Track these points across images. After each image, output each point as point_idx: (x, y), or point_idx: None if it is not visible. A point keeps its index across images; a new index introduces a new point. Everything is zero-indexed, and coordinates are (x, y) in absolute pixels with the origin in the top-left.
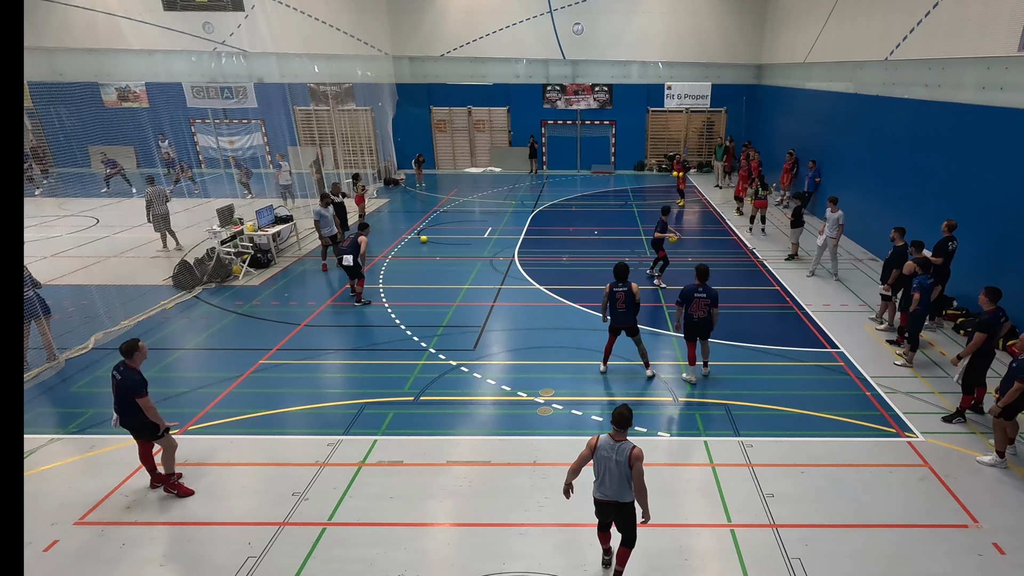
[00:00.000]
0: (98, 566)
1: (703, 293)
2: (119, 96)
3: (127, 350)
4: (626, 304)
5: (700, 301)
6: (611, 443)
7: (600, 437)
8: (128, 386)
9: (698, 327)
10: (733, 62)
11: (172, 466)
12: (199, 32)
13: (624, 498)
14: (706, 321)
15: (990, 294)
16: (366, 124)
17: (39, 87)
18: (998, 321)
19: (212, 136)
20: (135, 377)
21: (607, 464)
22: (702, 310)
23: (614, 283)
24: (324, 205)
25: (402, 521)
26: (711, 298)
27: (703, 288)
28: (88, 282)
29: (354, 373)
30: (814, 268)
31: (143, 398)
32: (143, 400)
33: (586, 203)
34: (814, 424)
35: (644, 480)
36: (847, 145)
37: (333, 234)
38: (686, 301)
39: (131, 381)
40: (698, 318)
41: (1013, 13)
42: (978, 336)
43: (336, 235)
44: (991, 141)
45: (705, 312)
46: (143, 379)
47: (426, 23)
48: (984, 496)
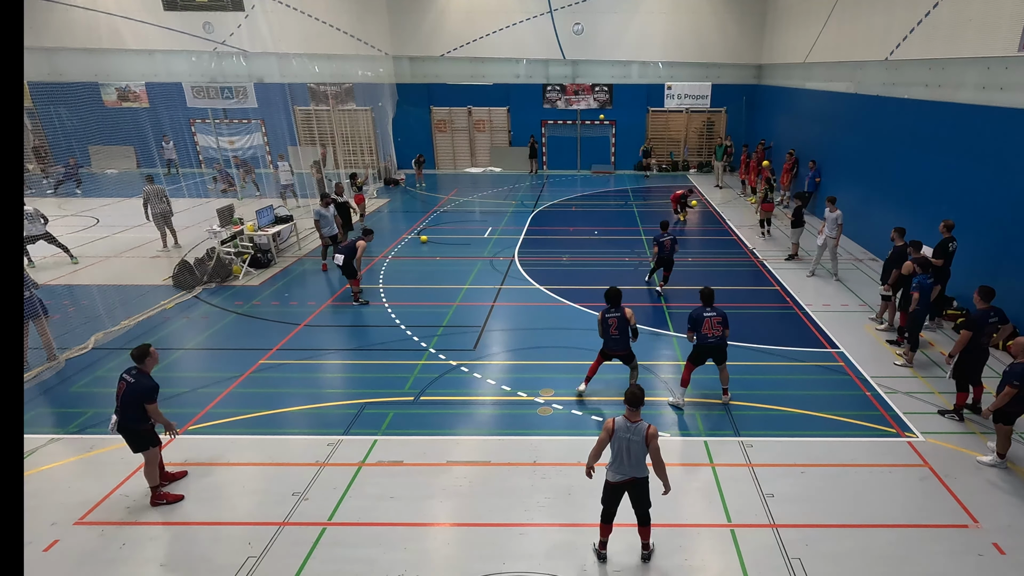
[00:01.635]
0: (98, 566)
1: (713, 312)
2: (119, 96)
3: (139, 355)
4: (619, 331)
5: (712, 320)
6: (627, 424)
7: (616, 420)
8: (140, 391)
9: (714, 350)
10: (733, 62)
11: (155, 478)
12: (199, 32)
13: (640, 473)
14: (721, 341)
15: (983, 293)
16: (366, 124)
17: (39, 87)
18: (986, 320)
19: (212, 136)
20: (147, 383)
21: (625, 445)
22: (716, 329)
23: (606, 309)
24: (325, 205)
25: (402, 521)
26: (722, 317)
27: (712, 309)
28: (88, 282)
29: (354, 373)
30: (814, 268)
31: (152, 404)
32: (152, 407)
33: (586, 203)
34: (814, 424)
35: (661, 455)
36: (847, 145)
37: (334, 234)
38: (696, 325)
39: (143, 387)
40: (714, 338)
41: (1013, 13)
42: (963, 334)
43: (337, 235)
44: (991, 141)
45: (720, 331)
46: (155, 385)
47: (426, 23)
48: (984, 496)
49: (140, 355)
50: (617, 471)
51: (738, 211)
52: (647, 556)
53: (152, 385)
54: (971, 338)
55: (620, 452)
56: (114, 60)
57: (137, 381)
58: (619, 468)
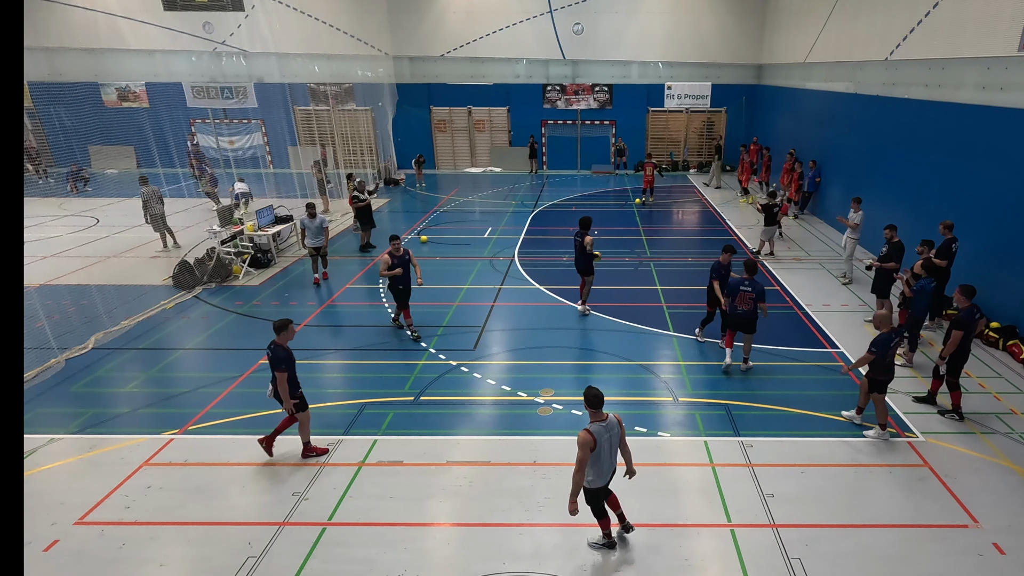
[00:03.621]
0: (98, 566)
1: (748, 287)
2: (119, 96)
3: (278, 327)
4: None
5: (745, 295)
6: (601, 426)
7: (592, 432)
8: (273, 361)
9: (742, 321)
10: (733, 62)
11: (307, 436)
12: (199, 32)
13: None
14: (751, 314)
15: (965, 291)
16: (366, 124)
17: (39, 87)
18: (973, 318)
19: (212, 136)
20: (280, 354)
21: (607, 445)
22: (747, 303)
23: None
24: (310, 215)
25: (402, 521)
26: (757, 292)
27: (749, 282)
28: (88, 282)
29: (354, 373)
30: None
31: (282, 373)
32: (280, 374)
33: (586, 203)
34: (814, 424)
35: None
36: (847, 145)
37: (318, 246)
38: (731, 293)
39: (275, 358)
40: (743, 311)
41: (1013, 13)
42: (955, 334)
43: (321, 247)
44: (991, 141)
45: (751, 305)
46: (288, 356)
47: (426, 23)
48: (984, 496)
49: (279, 327)
50: (600, 475)
51: (738, 211)
52: (628, 527)
53: (283, 356)
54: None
55: (603, 455)
56: (114, 60)
57: (273, 352)
58: (602, 471)
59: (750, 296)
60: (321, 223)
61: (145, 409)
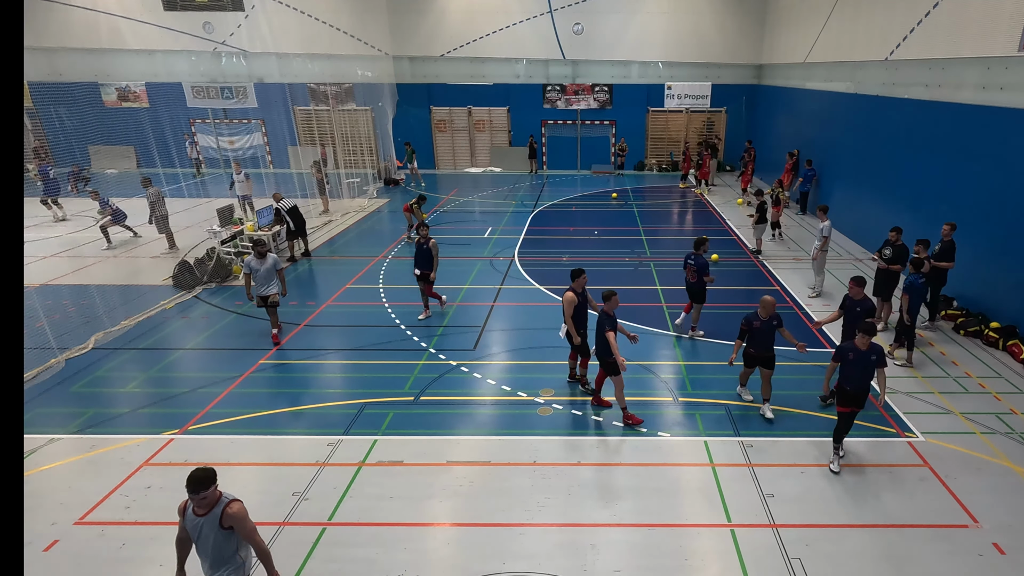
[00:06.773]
0: (98, 566)
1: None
2: (119, 96)
3: (605, 296)
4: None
5: (690, 268)
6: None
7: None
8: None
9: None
10: (733, 62)
11: (623, 400)
12: (199, 32)
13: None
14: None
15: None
16: (366, 124)
17: (39, 87)
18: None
19: (212, 136)
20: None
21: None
22: (693, 275)
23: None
24: (259, 255)
25: (402, 521)
26: (699, 266)
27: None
28: (88, 282)
29: (354, 373)
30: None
31: (609, 333)
32: (608, 335)
33: (586, 203)
34: (814, 424)
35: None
36: (847, 145)
37: (267, 295)
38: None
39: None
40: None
41: (1013, 13)
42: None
43: (270, 296)
44: (991, 141)
45: (696, 277)
46: (612, 318)
47: (426, 23)
48: (984, 496)
49: (605, 296)
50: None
51: (738, 211)
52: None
53: (609, 318)
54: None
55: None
56: (114, 60)
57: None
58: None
59: (693, 269)
60: (274, 264)
61: (145, 409)
